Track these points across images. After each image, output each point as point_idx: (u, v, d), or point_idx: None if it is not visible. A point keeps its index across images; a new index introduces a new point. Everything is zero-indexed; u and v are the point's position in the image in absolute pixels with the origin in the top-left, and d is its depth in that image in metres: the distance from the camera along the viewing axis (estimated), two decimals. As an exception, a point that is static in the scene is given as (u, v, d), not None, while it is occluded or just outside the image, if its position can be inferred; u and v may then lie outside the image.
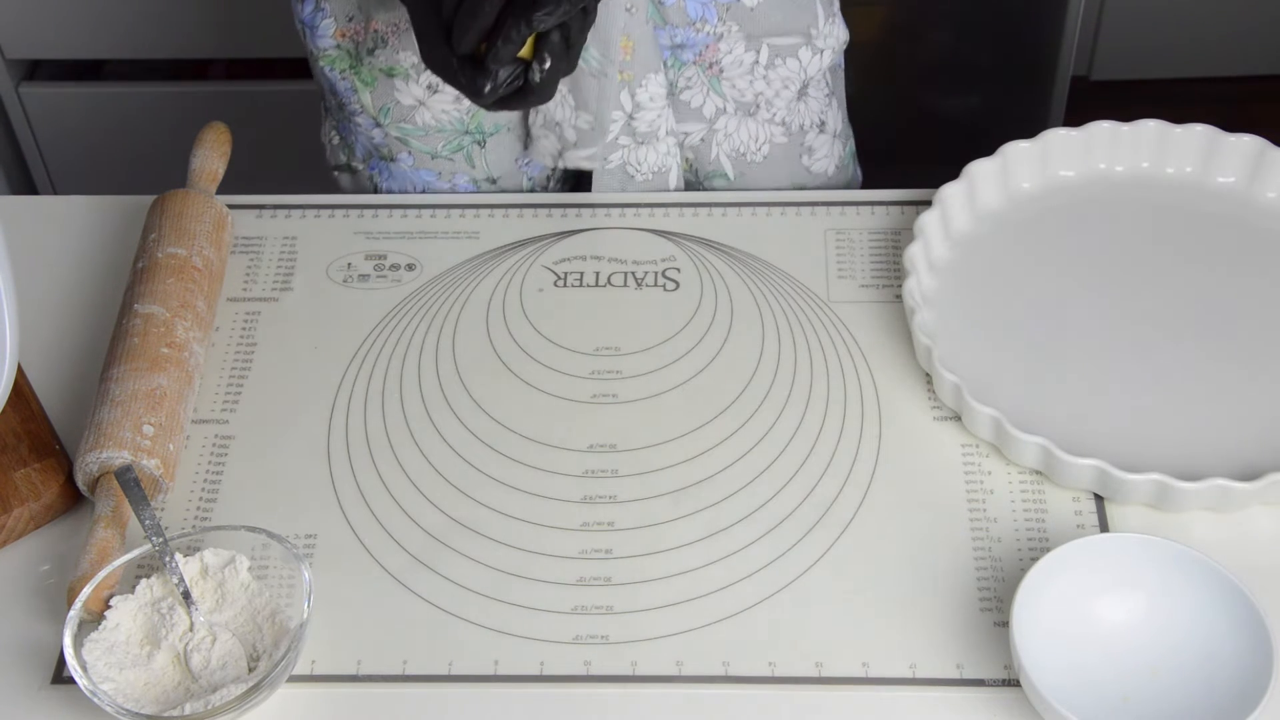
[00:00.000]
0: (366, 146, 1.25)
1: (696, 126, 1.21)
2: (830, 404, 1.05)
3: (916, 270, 1.07)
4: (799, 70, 1.19)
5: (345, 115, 1.24)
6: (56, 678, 0.92)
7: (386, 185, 1.27)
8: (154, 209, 1.14)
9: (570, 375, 1.08)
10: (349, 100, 1.22)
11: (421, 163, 1.23)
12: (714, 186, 1.25)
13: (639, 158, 1.21)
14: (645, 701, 0.91)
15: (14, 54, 2.06)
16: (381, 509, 1.00)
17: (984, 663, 0.91)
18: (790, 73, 1.19)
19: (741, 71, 1.18)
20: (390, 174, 1.26)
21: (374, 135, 1.23)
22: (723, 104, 1.20)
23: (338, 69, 1.20)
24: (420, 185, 1.25)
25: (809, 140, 1.24)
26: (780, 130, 1.22)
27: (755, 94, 1.20)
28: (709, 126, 1.21)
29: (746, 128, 1.21)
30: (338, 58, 1.20)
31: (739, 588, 0.95)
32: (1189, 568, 0.90)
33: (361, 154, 1.27)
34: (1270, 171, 1.13)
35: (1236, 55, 2.37)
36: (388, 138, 1.23)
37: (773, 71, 1.19)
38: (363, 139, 1.25)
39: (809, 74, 1.20)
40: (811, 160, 1.25)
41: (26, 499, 0.99)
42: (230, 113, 1.41)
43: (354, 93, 1.21)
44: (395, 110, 1.20)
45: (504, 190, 1.25)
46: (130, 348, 1.03)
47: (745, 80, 1.19)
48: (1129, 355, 1.05)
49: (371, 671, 0.92)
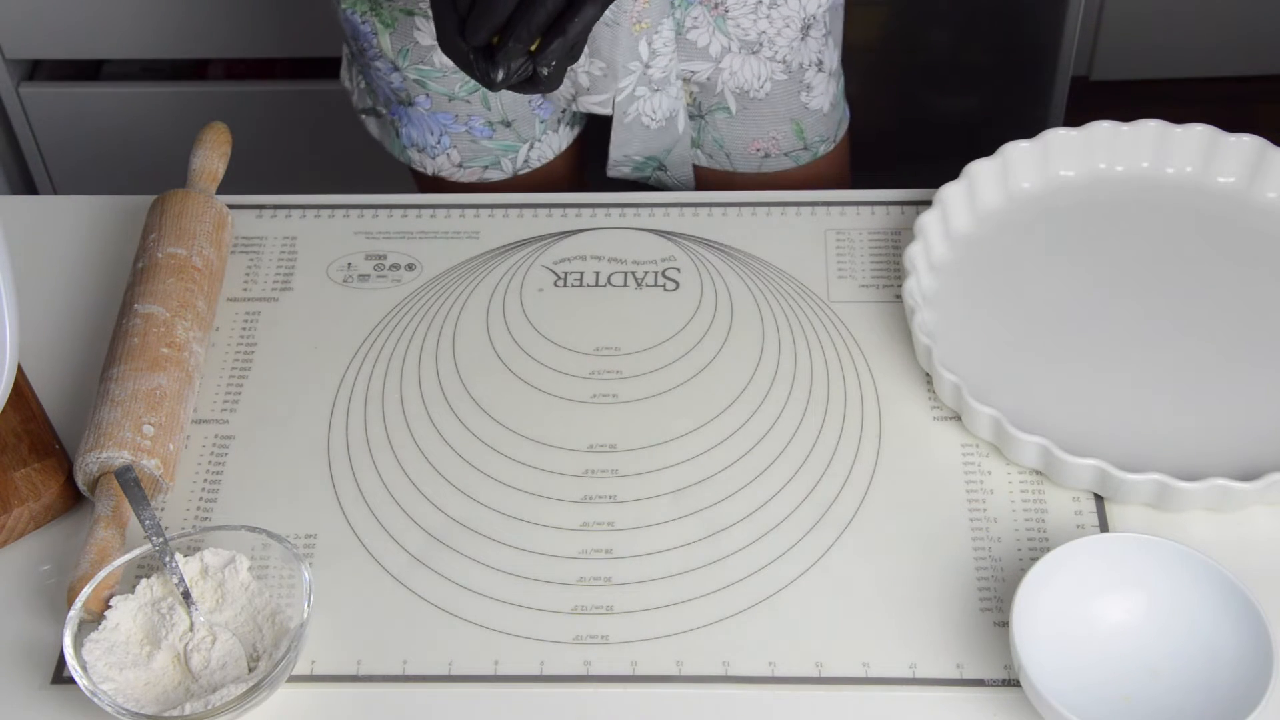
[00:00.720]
0: (386, 92, 1.28)
1: (703, 65, 1.24)
2: (830, 404, 1.05)
3: (916, 270, 1.07)
4: (799, 9, 1.22)
5: (365, 61, 1.27)
6: (56, 678, 0.92)
7: (406, 131, 1.29)
8: (154, 209, 1.14)
9: (570, 375, 1.08)
10: (369, 45, 1.24)
11: (439, 105, 1.26)
12: (715, 121, 1.28)
13: (653, 106, 1.24)
14: (645, 701, 0.91)
15: (14, 54, 2.06)
16: (381, 509, 1.00)
17: (984, 663, 0.91)
18: (791, 11, 1.22)
19: (745, 10, 1.21)
20: (409, 119, 1.28)
21: (392, 80, 1.26)
22: (728, 43, 1.23)
23: (359, 11, 1.22)
24: (438, 130, 1.28)
25: (808, 78, 1.27)
26: (781, 68, 1.25)
27: (759, 32, 1.22)
28: (715, 65, 1.24)
29: (750, 66, 1.24)
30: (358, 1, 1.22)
31: (739, 588, 0.95)
32: (1189, 568, 0.90)
33: (383, 99, 1.29)
34: (1270, 171, 1.13)
35: (1236, 55, 2.37)
36: (406, 81, 1.25)
37: (775, 10, 1.21)
38: (383, 84, 1.27)
39: (809, 12, 1.23)
40: (809, 97, 1.28)
41: (26, 499, 0.99)
42: (230, 113, 1.41)
43: (374, 35, 1.23)
44: (414, 51, 1.22)
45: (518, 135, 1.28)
46: (130, 348, 1.03)
47: (749, 19, 1.21)
48: (1129, 355, 1.05)
49: (371, 671, 0.92)
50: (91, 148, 2.15)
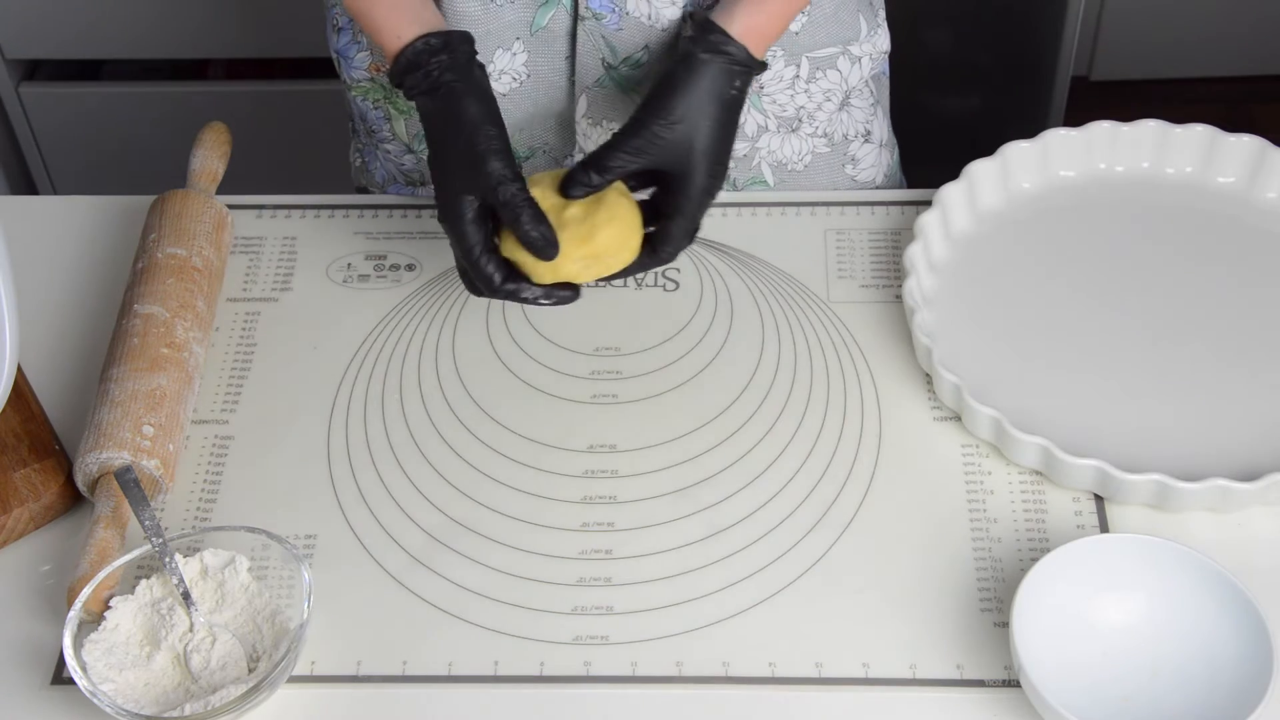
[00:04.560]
0: (390, 171, 1.25)
1: (739, 145, 1.16)
2: (830, 404, 1.05)
3: (916, 270, 1.07)
4: (840, 81, 1.17)
5: (374, 142, 1.24)
6: (56, 678, 0.92)
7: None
8: (154, 209, 1.14)
9: (570, 375, 1.08)
10: (379, 128, 1.21)
11: None
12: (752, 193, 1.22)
13: None
14: (645, 701, 0.91)
15: (14, 54, 2.06)
16: (381, 509, 1.00)
17: (984, 663, 0.91)
18: (831, 84, 1.17)
19: (782, 87, 1.16)
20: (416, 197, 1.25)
21: (404, 161, 1.23)
22: (764, 120, 1.18)
23: (370, 99, 1.20)
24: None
25: (853, 150, 1.22)
26: (823, 141, 1.20)
27: (796, 108, 1.17)
28: (751, 145, 1.19)
29: (790, 143, 1.19)
30: (370, 89, 1.19)
31: (739, 588, 0.95)
32: (1189, 568, 0.90)
33: (382, 179, 1.26)
34: (1270, 171, 1.13)
35: (1236, 55, 2.37)
36: (420, 163, 1.22)
37: (814, 85, 1.16)
38: (384, 164, 1.24)
39: (850, 84, 1.18)
40: (856, 170, 1.23)
41: (26, 499, 0.99)
42: (230, 113, 1.41)
43: (386, 121, 1.20)
44: None
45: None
46: (130, 348, 1.03)
47: (786, 95, 1.16)
48: (1129, 355, 1.05)
49: (371, 672, 0.92)
50: (91, 148, 2.15)
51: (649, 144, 0.99)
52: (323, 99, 2.06)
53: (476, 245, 0.98)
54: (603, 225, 0.99)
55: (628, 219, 1.00)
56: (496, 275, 0.99)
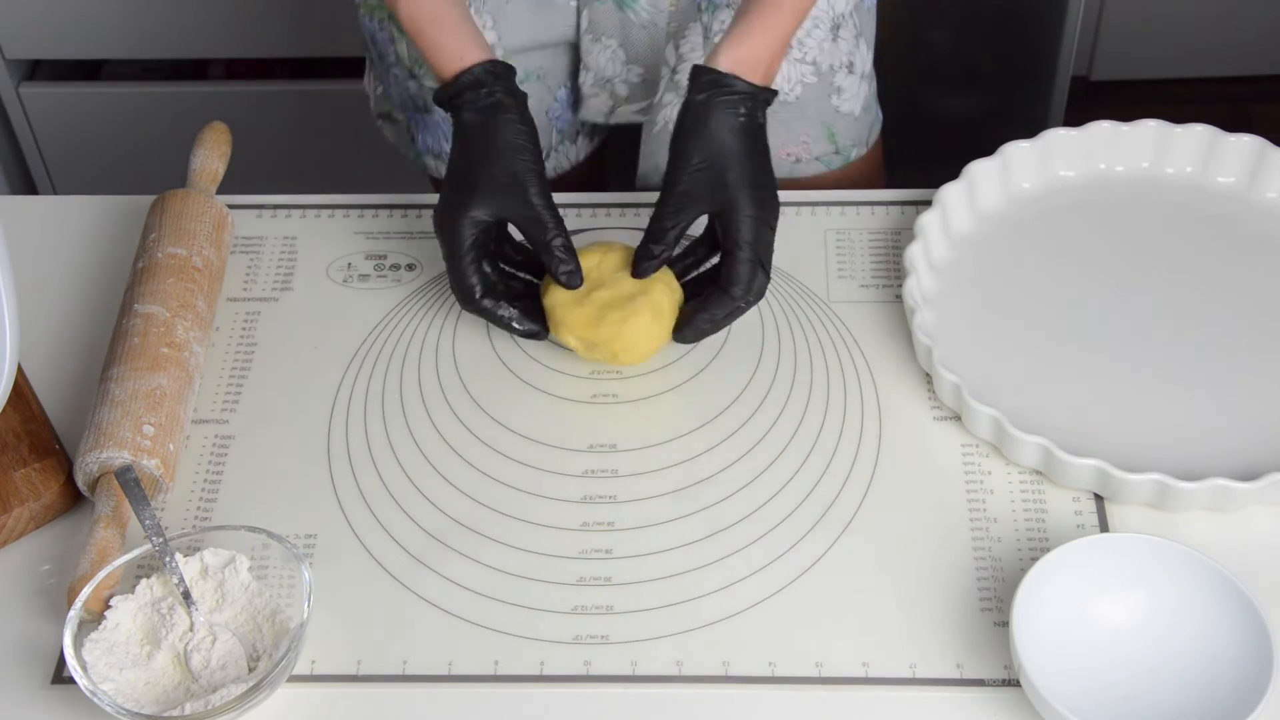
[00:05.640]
0: (403, 97, 1.27)
1: None
2: (830, 404, 1.05)
3: (916, 270, 1.07)
4: (828, 7, 1.20)
5: (384, 66, 1.27)
6: (56, 678, 0.92)
7: (422, 136, 1.29)
8: (154, 209, 1.14)
9: (570, 375, 1.08)
10: (386, 51, 1.24)
11: None
12: None
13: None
14: (645, 701, 0.91)
15: (14, 54, 2.06)
16: (381, 509, 1.00)
17: (984, 663, 0.91)
18: (820, 11, 1.20)
19: None
20: (425, 125, 1.28)
21: (409, 86, 1.25)
22: None
23: (377, 17, 1.22)
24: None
25: (838, 80, 1.25)
26: (810, 70, 1.23)
27: None
28: None
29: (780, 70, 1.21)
30: (378, 6, 1.22)
31: (739, 588, 0.95)
32: (1189, 568, 0.90)
33: (399, 104, 1.29)
34: (1270, 171, 1.13)
35: (1236, 55, 2.37)
36: (422, 88, 1.24)
37: None
38: (399, 89, 1.27)
39: (838, 10, 1.21)
40: (840, 100, 1.26)
41: (26, 499, 0.99)
42: (230, 113, 1.40)
43: (391, 43, 1.23)
44: None
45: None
46: (130, 348, 1.03)
47: None
48: (1129, 355, 1.05)
49: (371, 671, 0.92)
50: (91, 148, 2.15)
51: (685, 197, 1.02)
52: (323, 99, 2.06)
53: (467, 256, 1.02)
54: (610, 320, 1.02)
55: (640, 324, 1.02)
56: (478, 288, 1.03)
